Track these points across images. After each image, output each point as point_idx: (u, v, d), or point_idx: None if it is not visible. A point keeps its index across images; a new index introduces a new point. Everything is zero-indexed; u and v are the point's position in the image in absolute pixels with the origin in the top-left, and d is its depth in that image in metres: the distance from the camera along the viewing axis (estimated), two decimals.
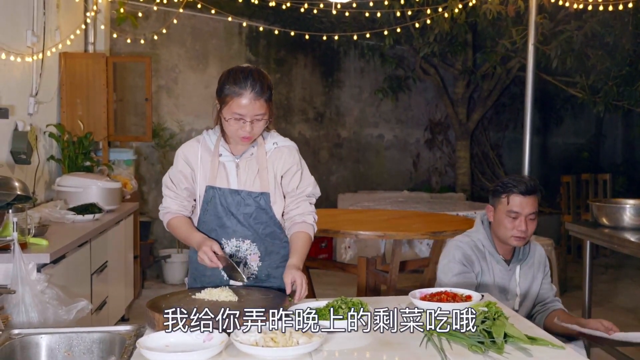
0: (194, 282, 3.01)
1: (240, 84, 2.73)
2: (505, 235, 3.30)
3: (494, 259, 3.35)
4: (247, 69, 2.79)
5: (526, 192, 3.26)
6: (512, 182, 3.29)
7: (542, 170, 10.56)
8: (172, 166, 2.99)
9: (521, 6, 7.18)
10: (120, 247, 5.50)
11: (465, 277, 3.26)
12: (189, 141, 3.02)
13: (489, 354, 2.17)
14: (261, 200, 2.88)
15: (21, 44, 5.20)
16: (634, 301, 7.05)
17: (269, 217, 2.90)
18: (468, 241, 3.38)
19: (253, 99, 2.73)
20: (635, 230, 4.55)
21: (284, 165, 2.91)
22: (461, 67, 9.34)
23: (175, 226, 2.94)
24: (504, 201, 3.29)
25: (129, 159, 6.90)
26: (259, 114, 2.77)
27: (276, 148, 2.92)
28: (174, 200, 2.95)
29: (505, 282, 3.35)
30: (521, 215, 3.26)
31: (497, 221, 3.34)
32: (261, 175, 2.88)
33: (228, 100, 2.75)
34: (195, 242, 2.84)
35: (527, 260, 3.42)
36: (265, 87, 2.77)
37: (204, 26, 8.35)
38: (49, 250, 3.66)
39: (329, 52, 9.34)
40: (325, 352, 2.19)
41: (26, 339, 2.43)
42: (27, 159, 4.95)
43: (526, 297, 3.41)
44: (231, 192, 2.88)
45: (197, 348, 2.16)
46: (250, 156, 2.90)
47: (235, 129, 2.79)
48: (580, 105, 9.47)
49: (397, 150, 9.99)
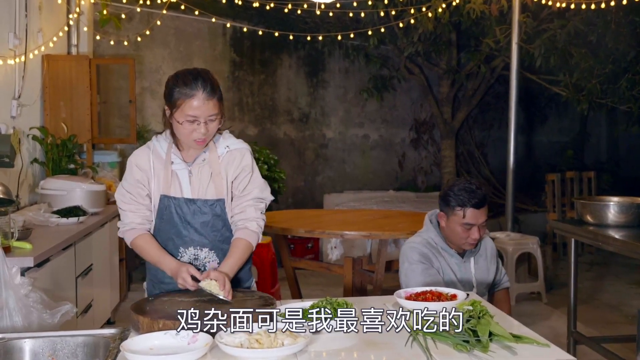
0: (153, 288, 2.96)
1: (190, 86, 2.69)
2: (459, 242, 3.44)
3: (447, 253, 3.47)
4: (194, 71, 2.76)
5: (479, 205, 3.36)
6: (465, 195, 3.36)
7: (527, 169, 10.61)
8: (125, 178, 2.90)
9: (504, 5, 7.21)
10: (105, 250, 5.47)
11: (430, 273, 3.35)
12: (139, 149, 2.94)
13: (474, 353, 2.17)
14: (217, 208, 2.83)
15: (3, 47, 5.17)
16: (618, 298, 7.09)
17: (223, 224, 2.86)
18: (421, 240, 3.48)
19: (205, 99, 2.70)
20: (620, 227, 4.57)
21: (235, 169, 2.86)
22: (446, 66, 9.37)
23: (141, 247, 2.85)
24: (459, 213, 3.38)
25: (113, 161, 6.87)
26: (212, 114, 2.73)
27: (228, 152, 2.87)
28: (135, 213, 2.85)
29: (462, 274, 3.47)
30: (475, 226, 3.38)
31: (450, 229, 3.44)
32: (215, 181, 2.83)
33: (179, 104, 2.69)
34: (168, 269, 2.76)
35: (479, 253, 3.55)
36: (215, 86, 2.76)
37: (187, 27, 8.33)
38: (33, 253, 3.63)
39: (313, 52, 9.34)
40: (310, 353, 2.19)
41: (9, 343, 2.41)
42: (10, 162, 4.91)
43: (481, 287, 3.53)
44: (186, 201, 2.82)
45: (181, 350, 2.15)
46: (203, 162, 2.84)
47: (189, 132, 2.72)
48: (565, 103, 9.52)
49: (382, 150, 10.00)
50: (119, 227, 2.91)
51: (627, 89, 7.85)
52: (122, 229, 2.89)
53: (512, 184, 7.30)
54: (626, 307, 6.74)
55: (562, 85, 8.39)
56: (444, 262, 3.44)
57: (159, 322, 2.31)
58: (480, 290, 3.50)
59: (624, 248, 4.29)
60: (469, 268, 3.49)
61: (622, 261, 8.45)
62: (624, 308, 6.70)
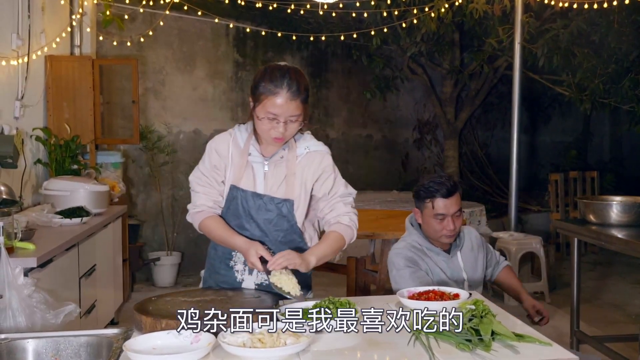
0: (209, 277, 2.96)
1: (276, 83, 2.63)
2: (435, 235, 3.43)
3: (433, 252, 3.45)
4: (284, 68, 2.69)
5: (448, 194, 3.36)
6: (433, 185, 3.38)
7: (530, 169, 10.61)
8: (202, 160, 2.87)
9: (507, 5, 7.20)
10: (108, 250, 5.48)
11: (418, 275, 3.32)
12: (220, 134, 2.90)
13: (477, 352, 2.17)
14: (283, 207, 2.79)
15: (6, 48, 5.18)
16: (622, 297, 7.08)
17: (290, 225, 2.81)
18: (405, 245, 3.47)
19: (289, 99, 2.63)
20: (623, 227, 4.57)
21: (314, 171, 2.81)
22: (449, 66, 9.36)
23: (211, 227, 2.82)
24: (429, 205, 3.40)
25: (116, 162, 6.88)
26: (293, 115, 2.66)
27: (308, 153, 2.82)
28: (207, 196, 2.83)
29: (451, 271, 3.45)
30: (447, 216, 3.37)
31: (425, 223, 3.45)
32: (288, 181, 2.79)
33: (262, 99, 2.65)
34: (238, 247, 2.75)
35: (465, 245, 3.53)
36: (302, 87, 2.67)
37: (190, 28, 8.34)
38: (36, 254, 3.64)
39: (316, 52, 9.33)
40: (312, 352, 2.19)
41: (12, 343, 2.42)
42: (13, 163, 4.92)
43: (474, 280, 3.51)
44: (254, 195, 2.78)
45: (184, 350, 2.15)
46: (280, 159, 2.80)
47: (268, 129, 2.68)
48: (568, 103, 9.51)
49: (385, 150, 10.00)
50: (189, 209, 2.89)
51: (630, 88, 7.84)
52: (191, 210, 2.87)
53: (515, 184, 7.30)
54: (629, 306, 6.73)
55: (565, 85, 8.38)
56: (431, 262, 3.42)
57: (162, 321, 2.31)
58: (473, 282, 3.49)
59: (627, 247, 4.29)
60: (457, 263, 3.47)
61: (626, 261, 8.44)
62: (627, 307, 6.70)
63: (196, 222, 2.87)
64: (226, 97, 8.62)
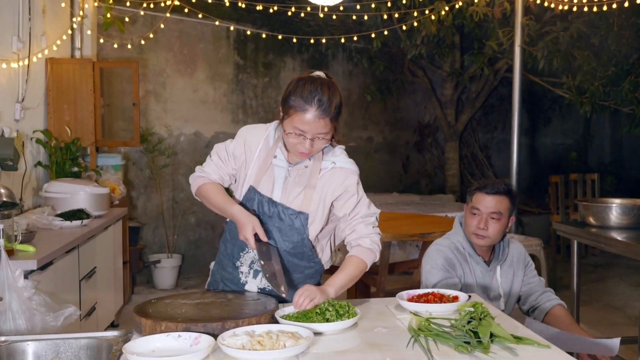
0: (216, 271, 2.94)
1: (306, 99, 2.54)
2: (468, 232, 3.37)
3: (474, 260, 3.37)
4: (317, 82, 2.59)
5: (489, 191, 3.32)
6: (483, 182, 3.40)
7: (530, 171, 10.60)
8: (230, 141, 2.83)
9: (507, 8, 7.21)
10: (109, 252, 5.48)
11: (448, 282, 3.26)
12: (256, 125, 2.85)
13: (475, 354, 2.17)
14: (297, 220, 2.71)
15: (7, 50, 5.19)
16: (622, 300, 7.08)
17: (300, 238, 2.74)
18: (449, 244, 3.41)
19: (317, 117, 2.54)
20: (623, 229, 4.57)
21: (335, 189, 2.73)
22: (449, 68, 9.37)
23: (210, 192, 2.77)
24: (470, 198, 3.40)
25: (117, 164, 6.89)
26: (321, 133, 2.58)
27: (333, 168, 2.74)
28: (217, 169, 2.80)
29: (487, 283, 3.37)
30: (482, 213, 3.31)
31: (464, 217, 3.42)
32: (306, 193, 2.71)
33: (292, 113, 2.56)
34: (235, 216, 2.66)
35: (506, 261, 3.44)
36: (332, 105, 2.57)
37: (191, 30, 8.35)
38: (36, 256, 3.64)
39: (316, 55, 9.34)
40: (312, 354, 2.19)
41: (12, 345, 2.42)
42: (14, 166, 4.93)
43: (510, 297, 3.43)
44: (269, 201, 2.71)
45: (183, 352, 2.15)
46: (304, 169, 2.72)
47: (294, 144, 2.60)
48: (568, 105, 9.50)
49: (386, 153, 10.00)
50: (196, 170, 2.85)
51: (630, 91, 7.84)
52: (197, 173, 2.84)
53: (515, 186, 7.30)
54: (629, 308, 6.73)
55: (565, 87, 8.38)
56: (468, 270, 3.34)
57: (162, 324, 2.32)
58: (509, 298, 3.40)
59: (627, 250, 4.29)
60: (494, 277, 3.38)
61: (626, 263, 8.44)
62: (627, 310, 6.70)
63: (197, 184, 2.82)
64: (227, 99, 8.63)
